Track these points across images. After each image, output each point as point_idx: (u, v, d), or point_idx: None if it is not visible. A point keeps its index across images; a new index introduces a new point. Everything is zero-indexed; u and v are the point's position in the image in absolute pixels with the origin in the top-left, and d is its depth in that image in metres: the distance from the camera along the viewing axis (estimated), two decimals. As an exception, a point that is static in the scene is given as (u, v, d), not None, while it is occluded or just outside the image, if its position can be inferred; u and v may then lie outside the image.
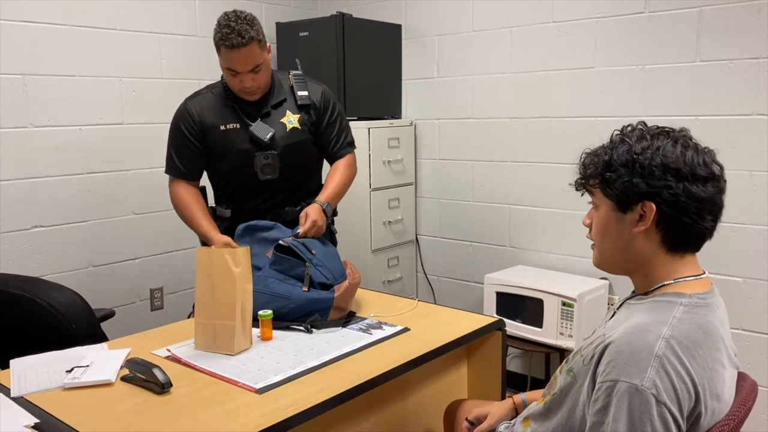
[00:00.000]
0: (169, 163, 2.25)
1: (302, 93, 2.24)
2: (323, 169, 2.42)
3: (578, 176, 1.27)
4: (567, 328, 2.73)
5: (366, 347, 1.72)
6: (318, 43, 3.28)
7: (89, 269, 2.98)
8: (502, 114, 3.25)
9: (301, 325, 1.86)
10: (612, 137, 1.23)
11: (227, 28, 2.01)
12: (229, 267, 1.68)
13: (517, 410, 1.52)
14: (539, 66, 3.08)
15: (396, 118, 3.59)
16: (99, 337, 2.06)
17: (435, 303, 2.73)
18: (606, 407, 1.06)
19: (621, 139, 1.20)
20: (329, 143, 2.31)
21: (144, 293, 3.20)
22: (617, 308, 1.28)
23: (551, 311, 2.77)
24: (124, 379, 1.54)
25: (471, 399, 1.86)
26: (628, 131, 1.22)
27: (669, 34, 2.69)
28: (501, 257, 3.34)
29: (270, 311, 1.81)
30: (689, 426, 1.07)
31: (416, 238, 3.67)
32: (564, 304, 2.73)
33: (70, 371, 1.55)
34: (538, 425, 1.30)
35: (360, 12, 3.51)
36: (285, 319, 1.87)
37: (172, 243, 3.27)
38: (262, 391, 1.46)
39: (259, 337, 1.79)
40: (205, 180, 2.34)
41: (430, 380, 1.88)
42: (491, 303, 2.99)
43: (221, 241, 2.06)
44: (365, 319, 1.95)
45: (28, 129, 2.74)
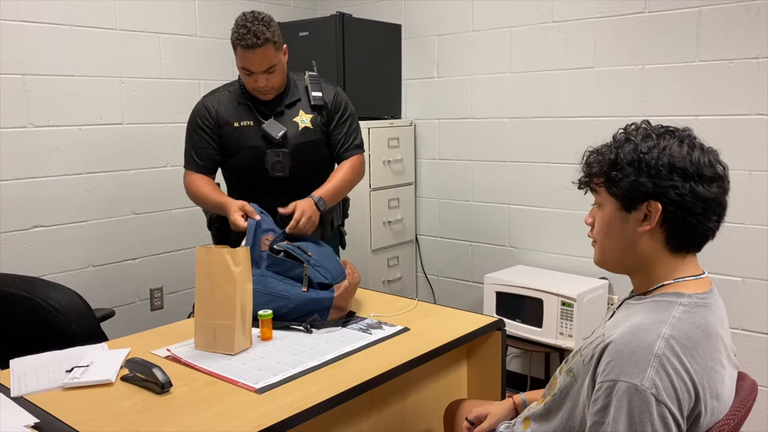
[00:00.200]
0: (187, 158, 2.29)
1: (316, 93, 2.27)
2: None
3: (582, 174, 1.26)
4: (567, 328, 2.73)
5: (366, 347, 1.72)
6: (318, 43, 3.28)
7: (89, 269, 2.98)
8: (502, 114, 3.25)
9: (301, 325, 1.86)
10: (616, 136, 1.22)
11: (243, 29, 2.05)
12: (229, 267, 1.68)
13: (517, 410, 1.52)
14: (539, 66, 3.08)
15: (396, 118, 3.59)
16: (99, 337, 2.06)
17: (435, 303, 2.74)
18: (606, 407, 1.06)
19: (626, 138, 1.19)
20: (337, 144, 2.32)
21: (144, 293, 3.20)
22: (616, 308, 1.28)
23: (551, 311, 2.77)
24: (124, 379, 1.54)
25: (471, 399, 1.86)
26: (632, 130, 1.21)
27: (669, 34, 2.69)
28: (501, 257, 3.34)
29: (270, 311, 1.81)
30: (689, 426, 1.07)
31: (416, 238, 3.67)
32: (564, 304, 2.73)
33: (70, 371, 1.55)
34: (539, 426, 1.30)
35: (360, 12, 3.52)
36: (285, 319, 1.87)
37: (172, 243, 3.27)
38: (262, 391, 1.46)
39: (259, 337, 1.79)
40: (220, 178, 2.37)
41: (430, 380, 1.88)
42: (491, 303, 2.99)
43: (237, 204, 2.06)
44: (365, 319, 1.95)
45: (28, 129, 2.75)
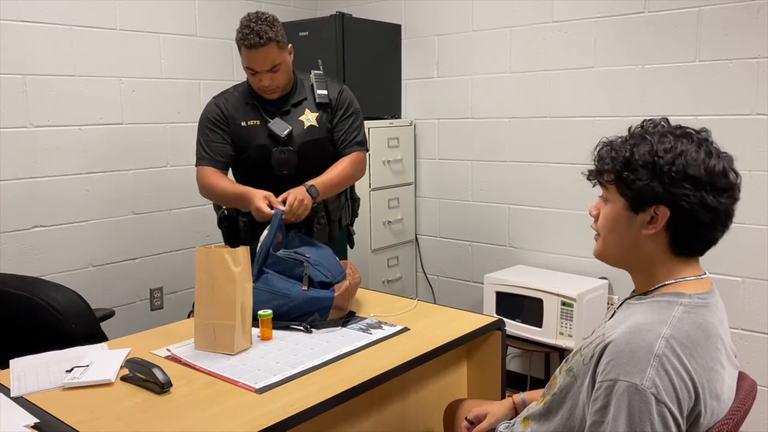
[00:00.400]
0: (199, 156, 2.30)
1: (321, 92, 2.28)
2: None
3: (593, 167, 1.24)
4: (566, 328, 2.73)
5: (366, 347, 1.72)
6: (318, 43, 3.28)
7: (89, 269, 2.98)
8: (502, 114, 3.25)
9: (301, 325, 1.86)
10: (632, 131, 1.20)
11: (247, 29, 2.08)
12: (229, 267, 1.68)
13: (517, 410, 1.52)
14: (539, 66, 3.08)
15: (396, 118, 3.59)
16: (99, 337, 2.05)
17: (435, 303, 2.74)
18: (606, 406, 1.06)
19: (642, 136, 1.17)
20: (338, 139, 2.32)
21: (144, 293, 3.20)
22: (617, 308, 1.28)
23: (551, 311, 2.77)
24: (124, 379, 1.54)
25: (471, 399, 1.86)
26: (650, 127, 1.19)
27: (669, 34, 2.69)
28: (500, 257, 3.34)
29: (270, 311, 1.81)
30: (689, 425, 1.07)
31: (416, 238, 3.67)
32: (563, 304, 2.73)
33: (70, 371, 1.55)
34: (538, 425, 1.30)
35: (360, 12, 3.52)
36: (285, 318, 1.87)
37: (172, 243, 3.27)
38: (262, 391, 1.46)
39: (259, 337, 1.79)
40: (230, 178, 2.36)
41: (430, 380, 1.88)
42: (491, 303, 2.99)
43: (262, 194, 2.06)
44: (365, 319, 1.95)
45: (28, 129, 2.74)
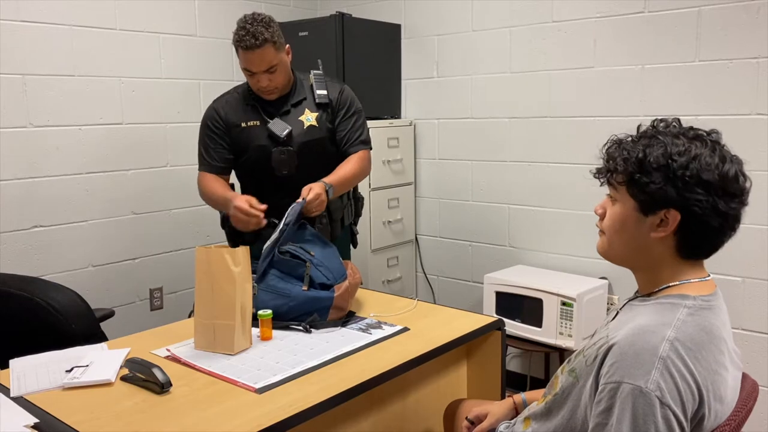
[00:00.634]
0: (200, 160, 2.33)
1: (321, 92, 2.29)
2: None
3: (602, 165, 1.22)
4: (566, 328, 2.73)
5: (365, 347, 1.72)
6: (317, 43, 3.28)
7: (89, 269, 2.98)
8: (502, 114, 3.25)
9: (300, 325, 1.86)
10: (642, 130, 1.19)
11: (243, 30, 2.09)
12: (229, 267, 1.68)
13: (517, 410, 1.52)
14: (539, 66, 3.08)
15: (395, 118, 3.59)
16: (99, 337, 2.05)
17: (434, 303, 2.74)
18: (610, 409, 1.06)
19: (654, 136, 1.15)
20: (342, 139, 2.32)
21: (143, 293, 3.20)
22: (620, 309, 1.27)
23: (550, 311, 2.77)
24: (124, 379, 1.54)
25: (471, 399, 1.86)
26: (662, 127, 1.18)
27: (668, 34, 2.69)
28: (500, 257, 3.34)
29: (269, 311, 1.81)
30: (692, 428, 1.07)
31: (416, 238, 3.67)
32: (563, 304, 2.73)
33: (70, 371, 1.55)
34: (539, 425, 1.30)
35: (359, 12, 3.51)
36: (285, 318, 1.87)
37: (172, 243, 3.27)
38: (262, 391, 1.46)
39: (259, 337, 1.79)
40: (233, 178, 2.39)
41: (430, 380, 1.88)
42: (491, 303, 2.99)
43: (242, 198, 2.08)
44: (365, 319, 1.95)
45: (28, 129, 2.74)
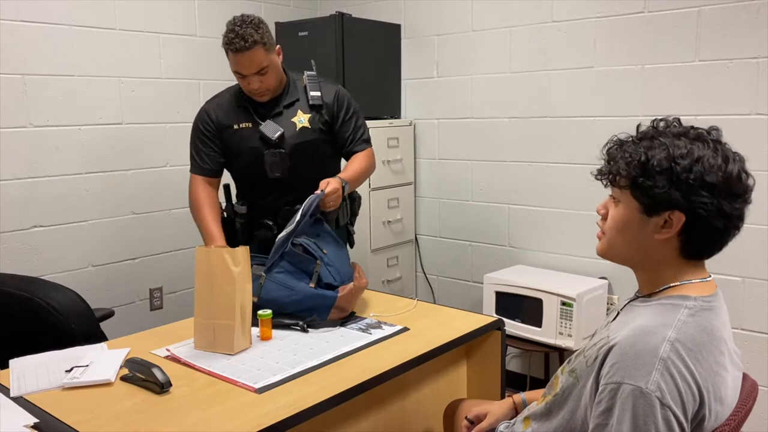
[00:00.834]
0: (191, 162, 2.32)
1: (314, 93, 2.27)
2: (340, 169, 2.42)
3: (603, 167, 1.21)
4: (566, 328, 2.73)
5: (365, 347, 1.73)
6: (317, 43, 3.28)
7: (89, 269, 2.98)
8: (502, 114, 3.25)
9: (297, 325, 1.86)
10: (645, 131, 1.18)
11: (232, 33, 2.07)
12: (229, 267, 1.68)
13: (517, 410, 1.52)
14: (539, 66, 3.08)
15: (395, 118, 3.59)
16: (98, 337, 2.05)
17: (434, 303, 2.74)
18: (610, 409, 1.06)
19: (656, 137, 1.14)
20: (345, 141, 2.32)
21: (143, 293, 3.20)
22: (620, 309, 1.27)
23: (550, 311, 2.77)
24: (124, 379, 1.54)
25: (470, 398, 1.86)
26: (662, 127, 1.18)
27: (668, 34, 2.69)
28: (500, 257, 3.34)
29: (269, 311, 1.81)
30: (693, 429, 1.07)
31: (415, 238, 3.67)
32: (563, 304, 2.73)
33: (70, 371, 1.55)
34: (539, 425, 1.30)
35: (359, 12, 3.51)
36: (286, 311, 1.88)
37: (172, 243, 3.27)
38: (262, 391, 1.47)
39: (259, 337, 1.79)
40: (229, 178, 2.38)
41: (430, 380, 1.88)
42: (490, 302, 2.99)
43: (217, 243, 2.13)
44: (364, 319, 1.95)
45: (28, 129, 2.74)
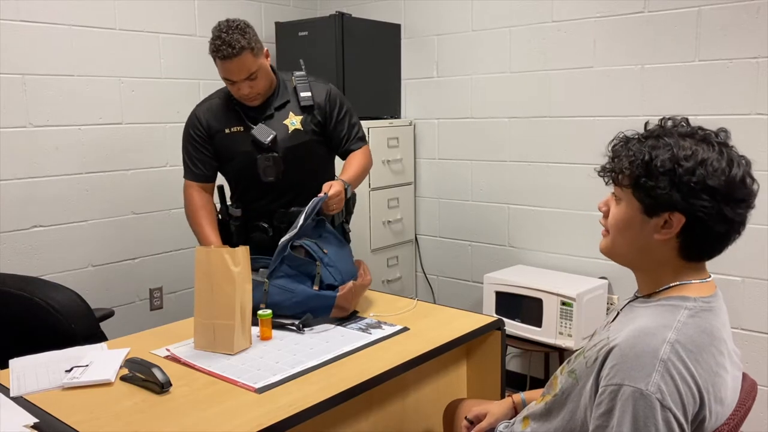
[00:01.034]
0: (185, 168, 2.31)
1: (305, 94, 2.25)
2: (336, 169, 2.42)
3: (608, 164, 1.21)
4: (566, 328, 2.73)
5: (365, 347, 1.73)
6: (317, 43, 3.28)
7: (89, 269, 2.98)
8: (502, 113, 3.25)
9: (293, 325, 1.86)
10: (651, 129, 1.18)
11: (218, 40, 2.03)
12: (229, 267, 1.68)
13: (517, 409, 1.52)
14: (538, 65, 3.08)
15: (395, 118, 3.59)
16: (98, 337, 2.06)
17: (434, 302, 2.74)
18: (610, 411, 1.06)
19: (661, 137, 1.14)
20: (341, 140, 2.31)
21: (143, 293, 3.20)
22: (620, 309, 1.26)
23: (550, 311, 2.77)
24: (124, 379, 1.54)
25: (470, 398, 1.86)
26: (670, 126, 1.17)
27: (668, 34, 2.69)
28: (500, 257, 3.34)
29: (269, 311, 1.81)
30: (693, 430, 1.07)
31: (415, 238, 3.67)
32: (563, 304, 2.73)
33: (70, 371, 1.55)
34: (539, 425, 1.30)
35: (359, 12, 3.51)
36: (286, 313, 1.88)
37: (172, 243, 3.27)
38: (262, 391, 1.47)
39: (259, 337, 1.79)
40: (222, 179, 2.37)
41: (430, 380, 1.88)
42: (490, 302, 2.99)
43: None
44: (364, 319, 1.95)
45: (28, 129, 2.74)
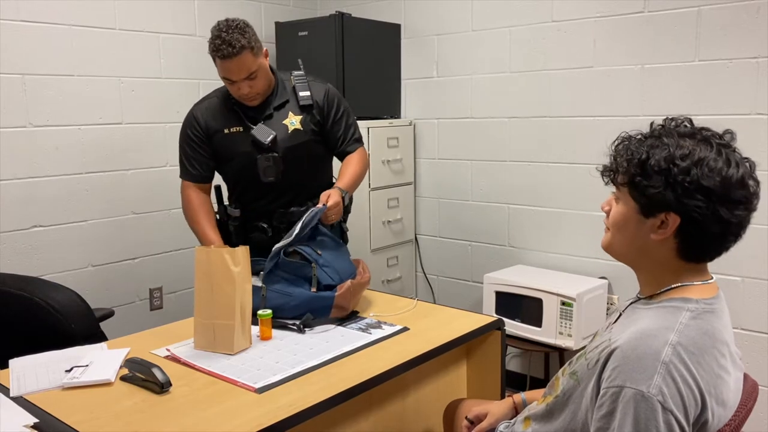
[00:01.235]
0: (181, 168, 2.30)
1: (304, 93, 2.24)
2: (334, 169, 2.42)
3: (609, 163, 1.21)
4: (566, 328, 2.73)
5: (365, 347, 1.72)
6: (317, 43, 3.28)
7: (88, 269, 2.98)
8: (502, 113, 3.25)
9: (294, 325, 1.86)
10: (654, 129, 1.18)
11: (218, 39, 2.03)
12: (228, 267, 1.68)
13: (517, 410, 1.52)
14: (538, 65, 3.08)
15: (395, 118, 3.59)
16: (98, 337, 2.05)
17: (434, 302, 2.74)
18: (611, 413, 1.06)
19: (661, 137, 1.14)
20: (337, 141, 2.31)
21: (143, 293, 3.20)
22: (622, 311, 1.26)
23: (550, 311, 2.77)
24: (124, 379, 1.54)
25: (470, 398, 1.86)
26: (672, 126, 1.17)
27: (668, 34, 2.69)
28: (500, 257, 3.34)
29: (269, 311, 1.81)
30: None
31: (415, 238, 3.67)
32: (563, 304, 2.73)
33: (70, 371, 1.55)
34: (539, 426, 1.30)
35: (359, 11, 3.51)
36: (285, 316, 1.88)
37: (172, 243, 3.27)
38: (262, 391, 1.47)
39: (259, 337, 1.79)
40: (219, 179, 2.37)
41: (430, 380, 1.88)
42: (490, 302, 2.99)
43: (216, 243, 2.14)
44: (364, 319, 1.95)
45: (28, 129, 2.74)
